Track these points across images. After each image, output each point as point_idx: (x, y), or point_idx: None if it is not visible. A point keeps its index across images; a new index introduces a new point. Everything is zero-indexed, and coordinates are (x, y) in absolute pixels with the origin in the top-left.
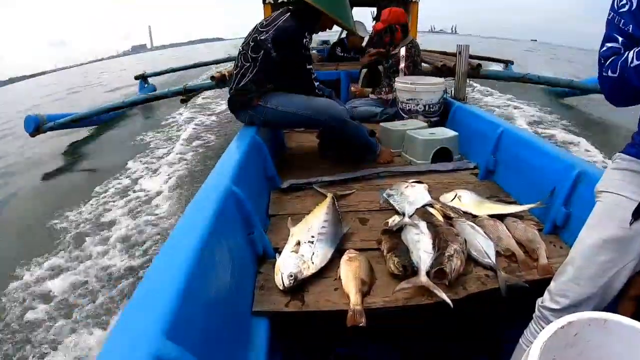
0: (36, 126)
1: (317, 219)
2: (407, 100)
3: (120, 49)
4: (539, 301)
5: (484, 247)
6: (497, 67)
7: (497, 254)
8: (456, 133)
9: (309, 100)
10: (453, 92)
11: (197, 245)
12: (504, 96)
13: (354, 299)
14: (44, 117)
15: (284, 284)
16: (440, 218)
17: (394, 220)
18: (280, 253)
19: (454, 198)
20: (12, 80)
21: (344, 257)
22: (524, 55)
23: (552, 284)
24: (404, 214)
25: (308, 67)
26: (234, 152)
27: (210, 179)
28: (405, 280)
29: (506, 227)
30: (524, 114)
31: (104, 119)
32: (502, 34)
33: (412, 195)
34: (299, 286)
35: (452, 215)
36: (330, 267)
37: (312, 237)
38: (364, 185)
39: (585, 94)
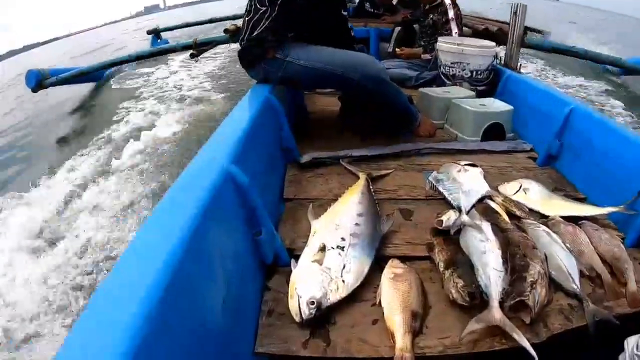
0: (38, 81)
1: (349, 210)
2: (451, 63)
3: (133, 11)
4: (630, 343)
5: (567, 266)
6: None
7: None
8: (511, 107)
9: (339, 53)
10: (503, 59)
11: (172, 254)
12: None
13: (402, 341)
14: (47, 71)
15: (301, 314)
16: (506, 218)
17: (449, 218)
18: (296, 259)
19: (518, 190)
20: (26, 48)
21: (387, 273)
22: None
23: None
24: (459, 209)
25: (344, 12)
26: (239, 117)
27: (200, 156)
28: (474, 318)
29: (587, 235)
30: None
31: (108, 75)
32: None
33: (467, 182)
34: (324, 316)
35: (518, 213)
36: (367, 284)
37: (343, 239)
38: (403, 164)
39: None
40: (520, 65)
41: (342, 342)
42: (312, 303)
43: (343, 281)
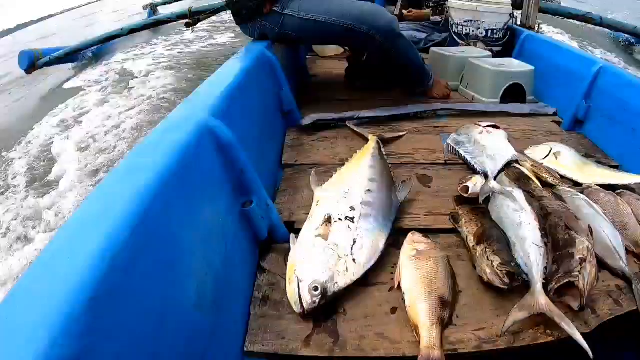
0: (31, 62)
1: (359, 175)
2: (464, 22)
3: None
4: None
5: (612, 241)
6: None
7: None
8: (532, 67)
9: (344, 3)
10: (520, 18)
11: (118, 229)
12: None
13: (428, 336)
14: (40, 51)
15: (302, 303)
16: (539, 184)
17: (475, 184)
18: (297, 234)
19: (548, 155)
20: (20, 27)
21: (407, 249)
22: None
23: None
24: (485, 175)
25: None
26: (228, 71)
27: (175, 112)
28: (517, 306)
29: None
30: None
31: (103, 50)
32: None
33: (491, 145)
34: (330, 304)
35: (550, 180)
36: (382, 263)
37: (352, 208)
38: (418, 127)
39: None
40: (539, 25)
41: (354, 337)
42: (316, 289)
43: (354, 260)
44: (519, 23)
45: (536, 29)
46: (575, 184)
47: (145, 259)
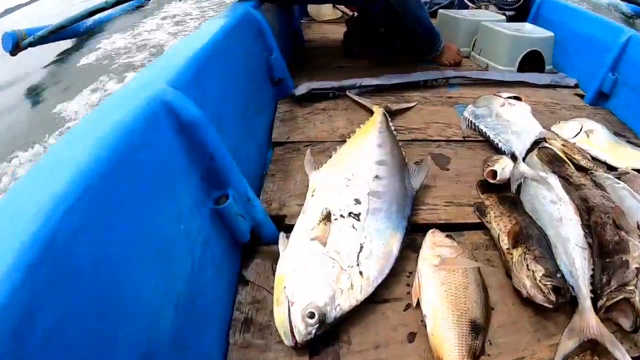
0: (15, 43)
1: (364, 157)
2: None
3: None
4: None
5: None
6: None
7: None
8: (552, 34)
9: None
10: None
11: (38, 249)
12: None
13: None
14: (23, 32)
15: (294, 334)
16: (574, 170)
17: (503, 167)
18: (288, 232)
19: (579, 132)
20: (8, 11)
21: (427, 255)
22: None
23: None
24: (512, 156)
25: None
26: (202, 36)
27: (128, 83)
28: (566, 331)
29: None
30: None
31: (91, 26)
32: None
33: (516, 120)
34: (331, 330)
35: (584, 163)
36: (396, 270)
37: (357, 201)
38: (429, 97)
39: None
40: None
41: None
42: (312, 315)
43: (360, 273)
44: None
45: None
46: (609, 168)
47: (55, 307)
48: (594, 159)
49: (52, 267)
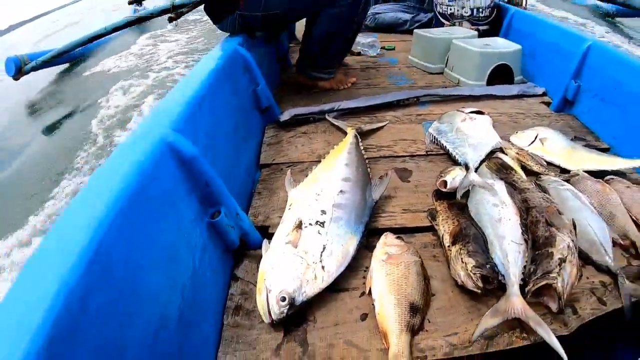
0: (17, 68)
1: (332, 175)
2: (448, 2)
3: None
4: None
5: (598, 235)
6: None
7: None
8: (519, 46)
9: None
10: None
11: (86, 257)
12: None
13: (397, 344)
14: (25, 56)
15: (271, 314)
16: (523, 174)
17: (454, 177)
18: (270, 239)
19: (534, 140)
20: (12, 28)
21: (379, 253)
22: None
23: None
24: (466, 166)
25: None
26: (194, 77)
27: (136, 130)
28: (490, 311)
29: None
30: None
31: (89, 50)
32: None
33: (474, 133)
34: (300, 313)
35: (536, 168)
36: (355, 266)
37: (323, 212)
38: (400, 116)
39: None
40: (526, 1)
41: (323, 345)
42: (284, 299)
43: (323, 267)
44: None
45: (524, 5)
46: (563, 171)
47: (102, 292)
48: (549, 163)
49: (99, 266)
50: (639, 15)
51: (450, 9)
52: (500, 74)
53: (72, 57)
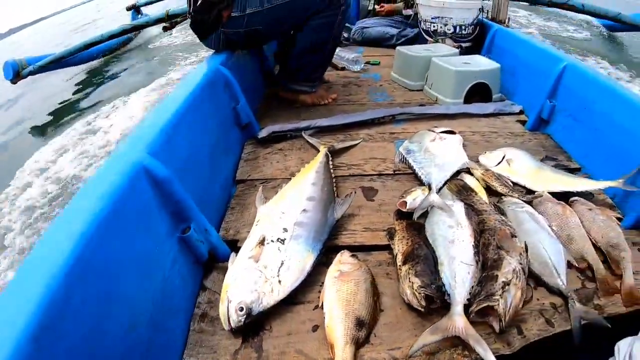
0: (15, 72)
1: (298, 194)
2: (432, 19)
3: None
4: (622, 349)
5: (552, 258)
6: None
7: (567, 264)
8: (498, 65)
9: None
10: (490, 12)
11: (66, 267)
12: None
13: (341, 355)
14: (24, 60)
15: (230, 322)
16: (484, 196)
17: (414, 198)
18: (237, 253)
19: (501, 161)
20: (12, 31)
21: (332, 270)
22: None
23: None
24: (429, 186)
25: None
26: (173, 98)
27: (113, 153)
28: (430, 329)
29: (578, 216)
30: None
31: (86, 57)
32: None
33: (442, 153)
34: (258, 322)
35: (499, 189)
36: (312, 282)
37: (285, 230)
38: (373, 134)
39: (636, 30)
40: (509, 18)
41: (276, 353)
42: (242, 309)
43: (279, 281)
44: (490, 17)
45: (507, 22)
46: (528, 192)
47: (81, 293)
48: (516, 184)
49: (79, 270)
50: (629, 30)
51: (434, 26)
52: (479, 92)
53: (69, 62)
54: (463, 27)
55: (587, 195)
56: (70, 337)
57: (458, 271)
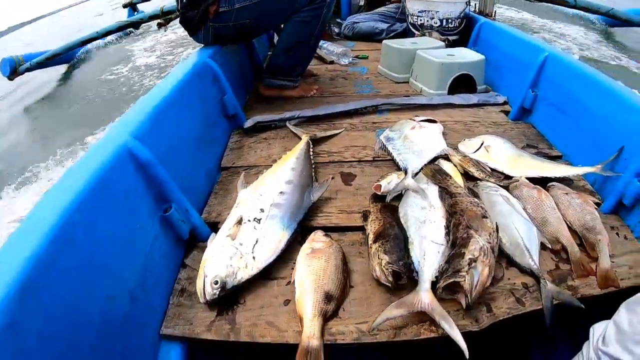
0: (12, 68)
1: (277, 178)
2: (418, 12)
3: None
4: (595, 332)
5: (524, 239)
6: None
7: (541, 246)
8: (482, 56)
9: None
10: (478, 5)
11: (52, 236)
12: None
13: (309, 327)
14: (21, 57)
15: (205, 295)
16: (460, 181)
17: (389, 181)
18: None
19: (479, 148)
20: (11, 29)
21: (305, 248)
22: None
23: (622, 315)
24: (405, 171)
25: None
26: (161, 90)
27: (105, 133)
28: (394, 303)
29: (555, 200)
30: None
31: (81, 53)
32: None
33: (420, 141)
34: (232, 295)
35: (476, 174)
36: (286, 259)
37: (262, 210)
38: (356, 123)
39: (629, 25)
40: (495, 12)
41: (248, 325)
42: (216, 283)
43: (253, 257)
44: (477, 10)
45: (493, 15)
46: (506, 177)
47: (66, 258)
48: (494, 170)
49: (64, 238)
50: (623, 26)
51: (420, 20)
52: (464, 84)
53: (66, 59)
54: (450, 21)
55: (566, 181)
56: (52, 299)
57: (428, 250)
